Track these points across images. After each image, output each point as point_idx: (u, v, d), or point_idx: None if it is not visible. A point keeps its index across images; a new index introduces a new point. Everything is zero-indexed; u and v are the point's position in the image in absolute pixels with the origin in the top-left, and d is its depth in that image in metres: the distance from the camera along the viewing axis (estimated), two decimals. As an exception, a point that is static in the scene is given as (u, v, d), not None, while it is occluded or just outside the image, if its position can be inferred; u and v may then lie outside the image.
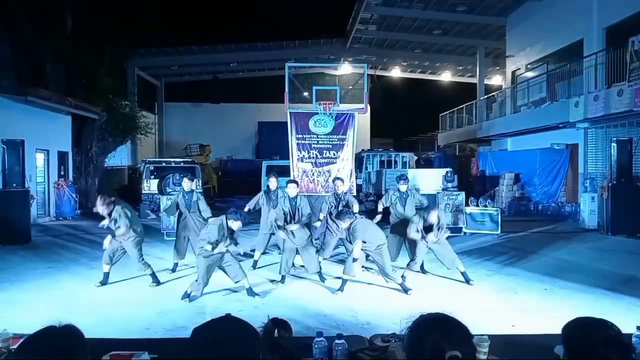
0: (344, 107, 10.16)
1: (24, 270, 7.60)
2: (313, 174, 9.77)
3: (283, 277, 6.83)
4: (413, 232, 6.66)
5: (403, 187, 7.83)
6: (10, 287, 6.54)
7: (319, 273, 6.87)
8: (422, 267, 7.17)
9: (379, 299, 6.02)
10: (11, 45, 14.35)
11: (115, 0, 17.81)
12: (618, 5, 13.36)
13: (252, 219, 8.05)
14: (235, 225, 5.82)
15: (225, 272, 6.02)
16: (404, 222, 7.21)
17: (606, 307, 5.53)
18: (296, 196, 7.08)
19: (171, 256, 7.55)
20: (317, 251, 8.36)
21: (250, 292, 5.99)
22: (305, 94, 11.71)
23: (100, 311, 5.44)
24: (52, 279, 7.04)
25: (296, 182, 7.58)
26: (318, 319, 5.18)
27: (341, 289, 6.18)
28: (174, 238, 7.85)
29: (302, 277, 7.11)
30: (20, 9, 14.76)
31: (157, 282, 6.57)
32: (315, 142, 9.79)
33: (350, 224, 6.16)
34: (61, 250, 9.50)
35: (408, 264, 6.88)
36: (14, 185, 10.27)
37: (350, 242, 6.27)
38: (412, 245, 7.02)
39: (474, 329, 1.47)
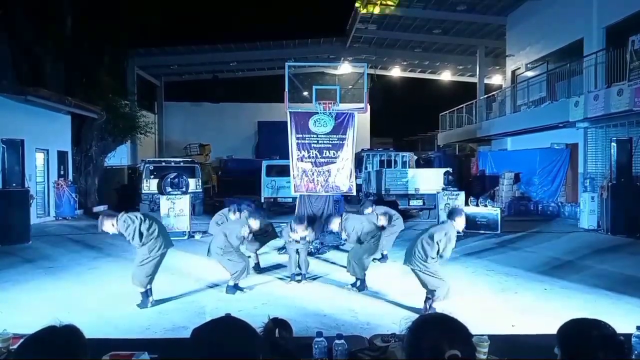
0: (343, 106, 10.17)
1: (24, 270, 7.60)
2: (313, 174, 9.77)
3: (293, 275, 6.94)
4: None
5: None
6: (10, 287, 6.55)
7: (302, 274, 6.87)
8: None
9: (379, 300, 6.03)
10: (11, 44, 14.33)
11: (115, 0, 17.80)
12: (618, 5, 13.35)
13: None
14: (255, 224, 6.33)
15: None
16: None
17: (606, 307, 5.53)
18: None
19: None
20: (312, 253, 8.40)
21: (230, 289, 6.20)
22: (305, 93, 11.72)
23: (101, 311, 5.44)
24: (52, 279, 7.04)
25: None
26: (318, 319, 5.18)
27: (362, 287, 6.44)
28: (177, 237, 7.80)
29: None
30: (20, 8, 14.74)
31: (144, 304, 5.61)
32: (315, 141, 9.79)
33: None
34: (61, 250, 9.49)
35: None
36: (14, 184, 10.26)
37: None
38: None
39: (473, 329, 1.48)
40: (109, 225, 5.43)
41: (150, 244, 5.56)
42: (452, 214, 5.46)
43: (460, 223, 5.31)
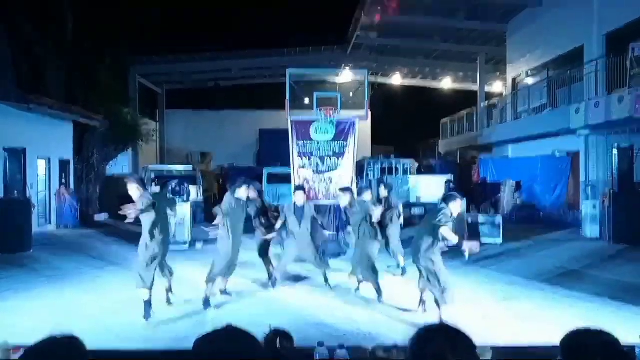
0: (344, 113, 10.17)
1: (25, 279, 7.59)
2: (314, 182, 9.75)
3: (275, 280, 6.87)
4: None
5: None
6: (11, 296, 6.54)
7: (325, 275, 6.94)
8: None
9: (381, 309, 5.99)
10: (14, 53, 14.40)
11: (117, 9, 17.92)
12: (618, 12, 13.39)
13: None
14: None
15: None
16: None
17: (608, 316, 5.50)
18: (303, 205, 7.03)
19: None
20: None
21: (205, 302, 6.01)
22: (306, 100, 11.71)
23: (102, 320, 5.42)
24: (54, 288, 7.03)
25: (303, 189, 7.51)
26: (319, 328, 5.16)
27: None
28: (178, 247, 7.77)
29: (302, 286, 7.10)
30: (23, 17, 14.83)
31: (147, 315, 5.49)
32: (317, 149, 9.78)
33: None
34: (62, 258, 9.48)
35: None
36: (15, 193, 10.27)
37: None
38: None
39: (476, 339, 1.46)
40: (134, 189, 5.51)
41: (157, 239, 5.52)
42: (446, 199, 5.42)
43: (455, 208, 5.26)
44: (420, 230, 5.52)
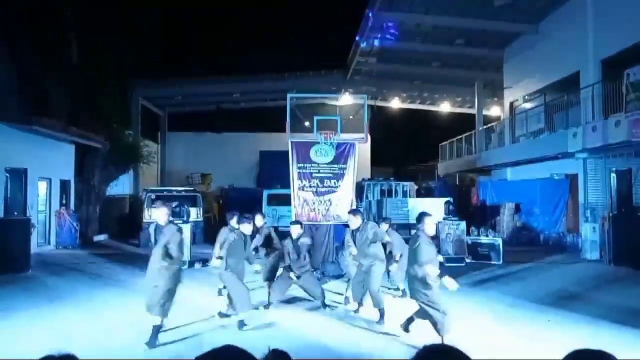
0: (344, 136, 10.28)
1: (23, 299, 7.55)
2: (314, 203, 9.79)
3: (269, 304, 6.89)
4: None
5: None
6: (8, 316, 6.49)
7: (323, 301, 6.93)
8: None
9: (381, 331, 5.95)
10: (16, 74, 14.53)
11: (120, 32, 18.18)
12: (613, 39, 13.63)
13: None
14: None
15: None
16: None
17: (609, 337, 5.47)
18: (298, 237, 7.03)
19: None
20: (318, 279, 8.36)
21: (240, 324, 6.00)
22: (307, 123, 11.84)
23: (99, 340, 5.39)
24: (51, 308, 6.99)
25: (300, 224, 7.45)
26: (319, 350, 5.12)
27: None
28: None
29: (301, 307, 7.07)
30: (26, 39, 15.03)
31: (153, 343, 5.27)
32: (316, 171, 9.86)
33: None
34: (60, 279, 9.43)
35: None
36: (15, 213, 10.28)
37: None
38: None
39: None
40: (162, 214, 5.40)
41: (178, 264, 5.48)
42: (419, 220, 5.48)
43: (429, 227, 5.37)
44: (410, 264, 5.41)
